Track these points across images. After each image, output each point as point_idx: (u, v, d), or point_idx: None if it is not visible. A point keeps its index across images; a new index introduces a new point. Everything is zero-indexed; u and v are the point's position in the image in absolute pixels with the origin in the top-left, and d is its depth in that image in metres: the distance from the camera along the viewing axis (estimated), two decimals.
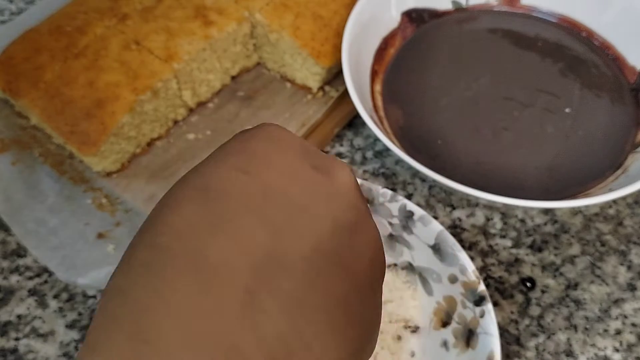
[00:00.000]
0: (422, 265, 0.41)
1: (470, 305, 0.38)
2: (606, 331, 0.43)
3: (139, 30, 0.48)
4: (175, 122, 0.52)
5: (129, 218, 0.46)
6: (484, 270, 0.46)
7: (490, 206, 0.49)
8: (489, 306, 0.37)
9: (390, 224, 0.42)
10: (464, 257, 0.38)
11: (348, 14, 0.50)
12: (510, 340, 0.43)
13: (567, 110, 0.50)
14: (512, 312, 0.44)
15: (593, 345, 0.43)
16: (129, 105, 0.45)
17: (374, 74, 0.52)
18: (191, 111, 0.53)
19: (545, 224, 0.48)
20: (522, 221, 0.49)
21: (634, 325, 0.44)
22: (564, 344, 0.43)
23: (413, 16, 0.56)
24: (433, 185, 0.50)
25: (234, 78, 0.55)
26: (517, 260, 0.47)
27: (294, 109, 0.53)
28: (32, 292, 0.45)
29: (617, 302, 0.45)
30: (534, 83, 0.52)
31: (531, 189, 0.46)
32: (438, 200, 0.49)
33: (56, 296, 0.45)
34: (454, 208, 0.49)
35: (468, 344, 0.37)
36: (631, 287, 0.45)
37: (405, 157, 0.42)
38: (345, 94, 0.46)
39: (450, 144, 0.48)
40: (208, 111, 0.53)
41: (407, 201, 0.41)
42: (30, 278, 0.45)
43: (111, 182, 0.48)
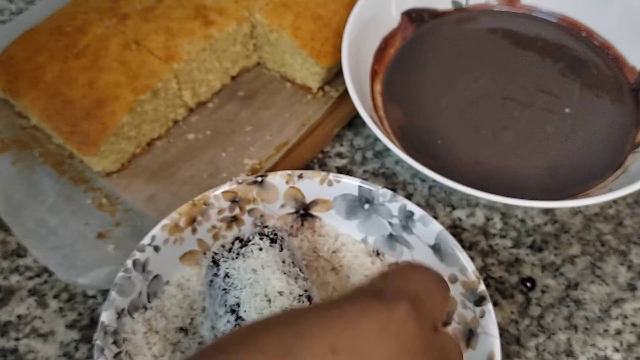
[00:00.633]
0: None
1: (470, 305, 0.38)
2: (606, 331, 0.43)
3: (139, 30, 0.48)
4: (175, 122, 0.52)
5: (129, 218, 0.46)
6: (484, 270, 0.46)
7: (490, 206, 0.49)
8: (489, 306, 0.37)
9: (390, 224, 0.42)
10: (464, 257, 0.38)
11: (348, 14, 0.50)
12: (511, 340, 0.43)
13: (567, 110, 0.50)
14: (512, 312, 0.44)
15: (593, 345, 0.43)
16: (129, 105, 0.45)
17: (374, 74, 0.52)
18: (191, 111, 0.53)
19: (545, 224, 0.48)
20: (522, 221, 0.49)
21: (634, 325, 0.44)
22: (564, 344, 0.43)
23: (413, 16, 0.55)
24: (433, 185, 0.50)
25: (234, 78, 0.55)
26: (517, 260, 0.47)
27: (293, 109, 0.53)
28: (32, 292, 0.45)
29: (617, 302, 0.45)
30: (534, 83, 0.52)
31: (531, 189, 0.46)
32: (438, 200, 0.49)
33: (56, 296, 0.45)
34: (454, 208, 0.49)
35: (468, 344, 0.37)
36: (631, 287, 0.45)
37: (405, 157, 0.42)
38: (345, 94, 0.46)
39: (450, 144, 0.48)
40: (208, 111, 0.53)
41: (407, 201, 0.41)
42: (30, 278, 0.45)
43: (111, 182, 0.48)
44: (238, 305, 0.35)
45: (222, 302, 0.36)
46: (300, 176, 0.42)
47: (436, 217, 0.47)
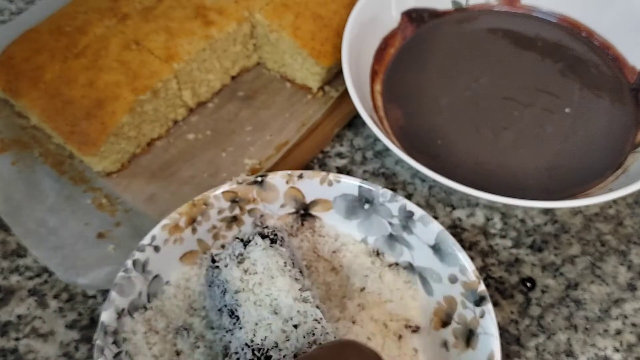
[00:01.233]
0: (422, 265, 0.41)
1: (470, 305, 0.38)
2: (606, 331, 0.43)
3: (139, 30, 0.48)
4: (175, 122, 0.52)
5: (129, 218, 0.46)
6: (484, 270, 0.46)
7: (490, 206, 0.49)
8: (489, 306, 0.37)
9: (390, 224, 0.42)
10: (464, 257, 0.38)
11: (348, 14, 0.50)
12: (510, 340, 0.43)
13: (567, 110, 0.50)
14: (512, 312, 0.44)
15: (593, 345, 0.43)
16: (129, 105, 0.45)
17: (374, 74, 0.52)
18: (191, 111, 0.53)
19: (545, 224, 0.48)
20: (522, 221, 0.49)
21: (634, 325, 0.44)
22: (564, 344, 0.43)
23: (413, 16, 0.56)
24: (433, 185, 0.50)
25: (234, 78, 0.55)
26: (517, 260, 0.47)
27: (294, 109, 0.53)
28: (32, 292, 0.45)
29: (617, 302, 0.45)
30: (534, 83, 0.52)
31: (531, 189, 0.46)
32: (438, 200, 0.49)
33: (56, 296, 0.45)
34: (454, 208, 0.49)
35: (468, 344, 0.37)
36: (631, 287, 0.45)
37: (405, 157, 0.42)
38: (345, 94, 0.47)
39: (450, 144, 0.48)
40: (208, 111, 0.53)
41: (407, 201, 0.41)
42: (30, 278, 0.45)
43: (111, 182, 0.48)
44: (238, 305, 0.35)
45: (221, 302, 0.36)
46: (300, 176, 0.42)
47: (436, 217, 0.47)
